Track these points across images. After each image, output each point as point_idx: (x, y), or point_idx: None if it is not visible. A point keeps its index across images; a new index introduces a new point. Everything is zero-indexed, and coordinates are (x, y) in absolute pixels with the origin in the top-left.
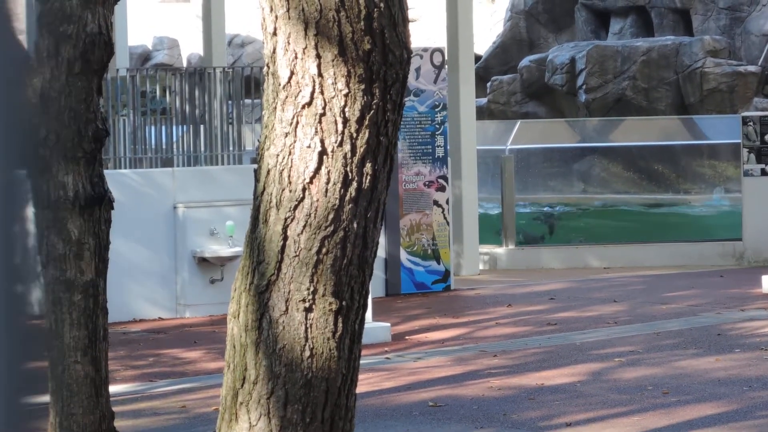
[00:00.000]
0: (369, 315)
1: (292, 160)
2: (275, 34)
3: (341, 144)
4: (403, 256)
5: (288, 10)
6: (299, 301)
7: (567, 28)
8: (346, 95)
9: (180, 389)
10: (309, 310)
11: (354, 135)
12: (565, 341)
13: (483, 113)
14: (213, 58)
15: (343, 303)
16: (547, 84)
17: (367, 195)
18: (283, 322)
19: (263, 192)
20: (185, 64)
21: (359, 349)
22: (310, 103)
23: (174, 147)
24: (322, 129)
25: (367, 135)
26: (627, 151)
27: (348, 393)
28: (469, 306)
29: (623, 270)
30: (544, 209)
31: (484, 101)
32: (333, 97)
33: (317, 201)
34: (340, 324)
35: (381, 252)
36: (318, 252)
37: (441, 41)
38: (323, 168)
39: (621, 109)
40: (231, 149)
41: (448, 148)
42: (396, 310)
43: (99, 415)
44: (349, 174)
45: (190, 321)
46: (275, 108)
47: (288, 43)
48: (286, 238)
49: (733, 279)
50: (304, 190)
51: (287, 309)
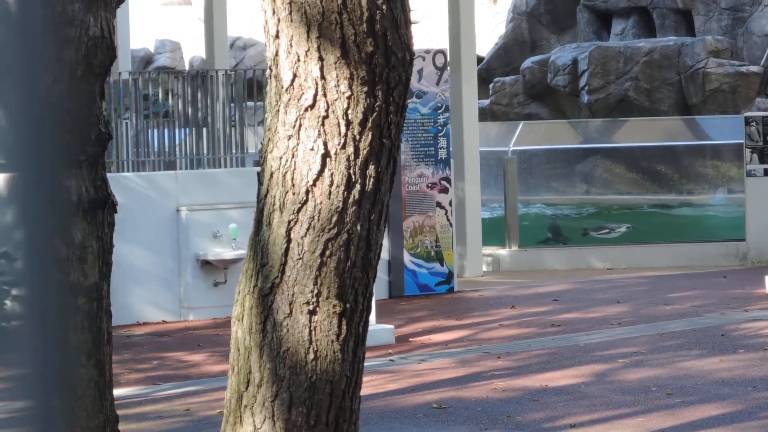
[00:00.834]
0: (372, 317)
1: (295, 162)
2: (278, 36)
3: (344, 146)
4: (407, 258)
5: (290, 12)
6: (303, 304)
7: (569, 29)
8: (348, 98)
9: (184, 392)
10: (313, 312)
11: (357, 137)
12: (569, 342)
13: (485, 115)
14: (215, 60)
15: (347, 305)
16: (550, 85)
17: (371, 197)
18: (287, 324)
19: (267, 195)
20: (187, 67)
21: (363, 352)
22: (312, 106)
23: (177, 150)
24: (325, 131)
25: (370, 137)
26: (630, 152)
27: (352, 395)
28: (473, 308)
29: (627, 271)
30: (549, 215)
31: (486, 103)
32: (336, 100)
33: (320, 203)
34: (344, 326)
35: (384, 254)
36: (322, 254)
37: (443, 43)
38: (326, 170)
39: (623, 110)
40: (234, 152)
41: (450, 149)
42: (399, 312)
43: (103, 419)
44: (353, 176)
45: (193, 324)
46: (278, 111)
47: (290, 46)
48: (289, 240)
49: (737, 279)
50: (307, 192)
51: (291, 312)
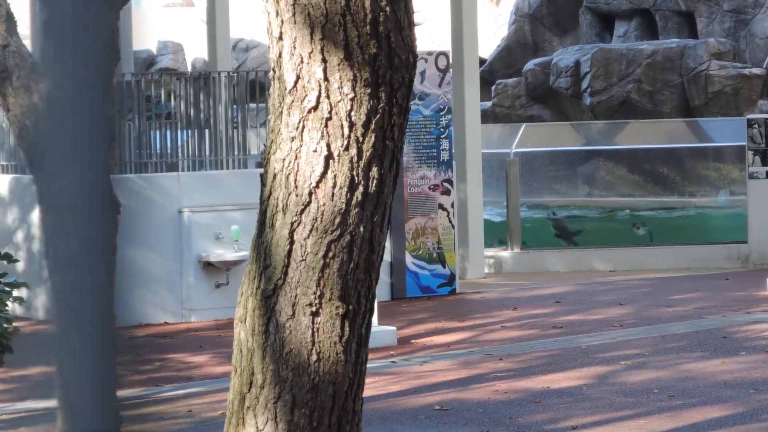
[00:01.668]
0: (374, 319)
1: (298, 164)
2: (281, 38)
3: (347, 148)
4: (409, 259)
5: (294, 14)
6: (306, 306)
7: (571, 31)
8: (352, 99)
9: (186, 394)
10: (316, 314)
11: (360, 139)
12: (571, 344)
13: (488, 116)
14: (218, 62)
15: (350, 307)
16: (552, 87)
17: (374, 199)
18: (290, 326)
19: (270, 196)
20: (190, 68)
21: (366, 353)
22: (316, 108)
23: (179, 151)
24: (328, 133)
25: (374, 139)
26: (632, 154)
27: (355, 397)
28: (475, 309)
29: (628, 273)
30: (554, 215)
31: (488, 104)
32: (339, 101)
33: (324, 205)
34: (346, 328)
35: (386, 256)
36: (325, 256)
37: (446, 44)
38: (329, 172)
39: (626, 112)
40: (236, 153)
41: (453, 151)
42: (401, 313)
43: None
44: (356, 178)
45: (195, 325)
46: (281, 112)
47: (294, 48)
48: (292, 242)
49: (739, 281)
50: (310, 194)
51: (294, 313)
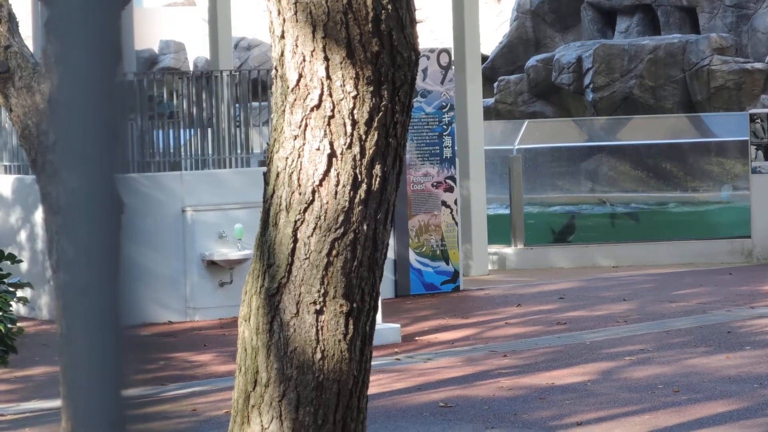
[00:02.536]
0: (378, 316)
1: (301, 162)
2: (283, 37)
3: (350, 146)
4: (412, 257)
5: (296, 13)
6: (310, 304)
7: (573, 27)
8: (354, 97)
9: (191, 392)
10: (320, 312)
11: (363, 137)
12: (575, 340)
13: (490, 113)
14: (220, 61)
15: (354, 305)
16: (554, 83)
17: (377, 197)
18: (294, 324)
19: (273, 195)
20: (192, 67)
21: (370, 351)
22: (318, 106)
23: (182, 150)
24: (331, 131)
25: (376, 137)
26: (635, 150)
27: (359, 395)
28: (479, 306)
29: (632, 269)
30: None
31: (491, 101)
32: (341, 100)
33: (327, 203)
34: (351, 326)
35: (390, 253)
36: (328, 254)
37: (447, 42)
38: (332, 170)
39: (628, 108)
40: (239, 152)
41: (455, 148)
42: (405, 311)
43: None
44: (359, 176)
45: (199, 324)
46: (284, 111)
47: (296, 46)
48: (296, 240)
49: (743, 276)
50: (313, 192)
51: (298, 311)
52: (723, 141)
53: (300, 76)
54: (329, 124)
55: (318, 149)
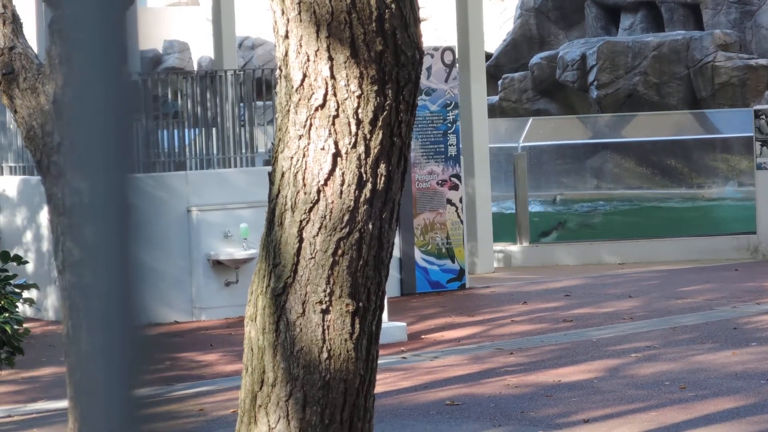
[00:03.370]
0: (384, 315)
1: (306, 162)
2: (287, 37)
3: (355, 145)
4: (418, 255)
5: (299, 12)
6: (316, 303)
7: (577, 24)
8: (359, 97)
9: (197, 392)
10: (326, 311)
11: (368, 136)
12: (581, 338)
13: (495, 111)
14: (224, 60)
15: (360, 304)
16: (558, 81)
17: (382, 196)
18: (301, 324)
19: (278, 195)
20: (196, 67)
21: (377, 350)
22: (323, 105)
23: (186, 150)
24: (335, 131)
25: (381, 136)
26: (639, 147)
27: (366, 394)
28: (485, 304)
29: (638, 265)
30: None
31: (495, 99)
32: (346, 99)
33: (332, 203)
34: (357, 325)
35: (396, 251)
36: (334, 254)
37: (451, 40)
38: (337, 170)
39: (632, 105)
40: (243, 151)
41: (460, 146)
42: (411, 309)
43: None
44: (364, 175)
45: (205, 324)
46: (288, 111)
47: (300, 46)
48: (301, 240)
49: (748, 272)
50: (318, 192)
51: (304, 311)
52: (727, 137)
53: (304, 75)
54: (334, 123)
55: (323, 149)
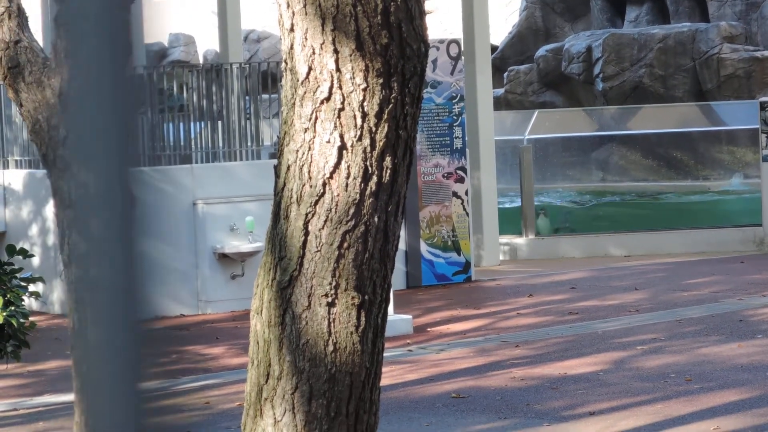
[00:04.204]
0: (390, 307)
1: (311, 155)
2: (292, 30)
3: (360, 138)
4: (424, 248)
5: (305, 5)
6: (322, 296)
7: (583, 16)
8: (364, 90)
9: (203, 385)
10: (332, 304)
11: (373, 129)
12: (587, 330)
13: (500, 103)
14: (229, 53)
15: (366, 297)
16: (564, 73)
17: (387, 189)
18: (306, 317)
19: (284, 188)
20: (202, 60)
21: (382, 343)
22: (328, 98)
23: (192, 143)
24: (341, 124)
25: (386, 129)
26: (645, 139)
27: (372, 387)
28: (490, 297)
29: (644, 258)
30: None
31: (501, 91)
32: (351, 92)
33: (338, 196)
34: (362, 318)
35: (401, 244)
36: (339, 247)
37: (457, 32)
38: (343, 163)
39: (638, 97)
40: (249, 144)
41: (466, 139)
42: (417, 302)
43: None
44: (369, 168)
45: (211, 317)
46: (294, 104)
47: (305, 39)
48: (307, 233)
49: (754, 265)
50: (324, 185)
51: (310, 304)
52: (733, 129)
53: (310, 68)
54: (339, 116)
55: (328, 142)
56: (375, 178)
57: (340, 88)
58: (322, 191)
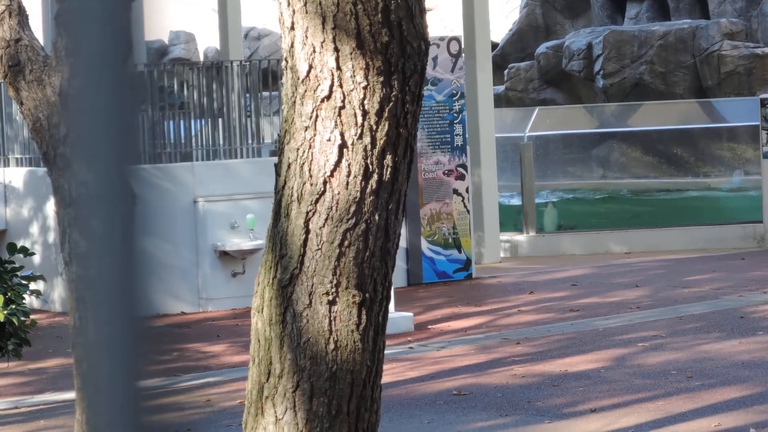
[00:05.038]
0: (391, 305)
1: (312, 153)
2: (293, 28)
3: (361, 136)
4: (424, 245)
5: (305, 4)
6: (323, 294)
7: (583, 13)
8: (365, 88)
9: (204, 383)
10: (332, 302)
11: (374, 127)
12: (588, 327)
13: (501, 101)
14: (230, 51)
15: (367, 295)
16: (565, 70)
17: (388, 187)
18: (307, 315)
19: (284, 186)
20: (202, 58)
21: (383, 341)
22: (329, 97)
23: (193, 141)
24: (341, 122)
25: (387, 127)
26: (646, 136)
27: (373, 384)
28: (491, 294)
29: (644, 254)
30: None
31: (501, 89)
32: (352, 90)
33: (338, 194)
34: (363, 316)
35: (402, 242)
36: (340, 245)
37: (457, 30)
38: (344, 161)
39: (639, 94)
40: (250, 142)
41: (466, 136)
42: (418, 299)
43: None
44: (370, 166)
45: (212, 315)
46: (294, 102)
47: (306, 37)
48: (308, 231)
49: (755, 261)
50: (325, 183)
51: (311, 302)
52: (734, 126)
53: (310, 67)
54: (340, 114)
55: (329, 140)
56: (376, 176)
57: (340, 86)
58: (322, 189)
